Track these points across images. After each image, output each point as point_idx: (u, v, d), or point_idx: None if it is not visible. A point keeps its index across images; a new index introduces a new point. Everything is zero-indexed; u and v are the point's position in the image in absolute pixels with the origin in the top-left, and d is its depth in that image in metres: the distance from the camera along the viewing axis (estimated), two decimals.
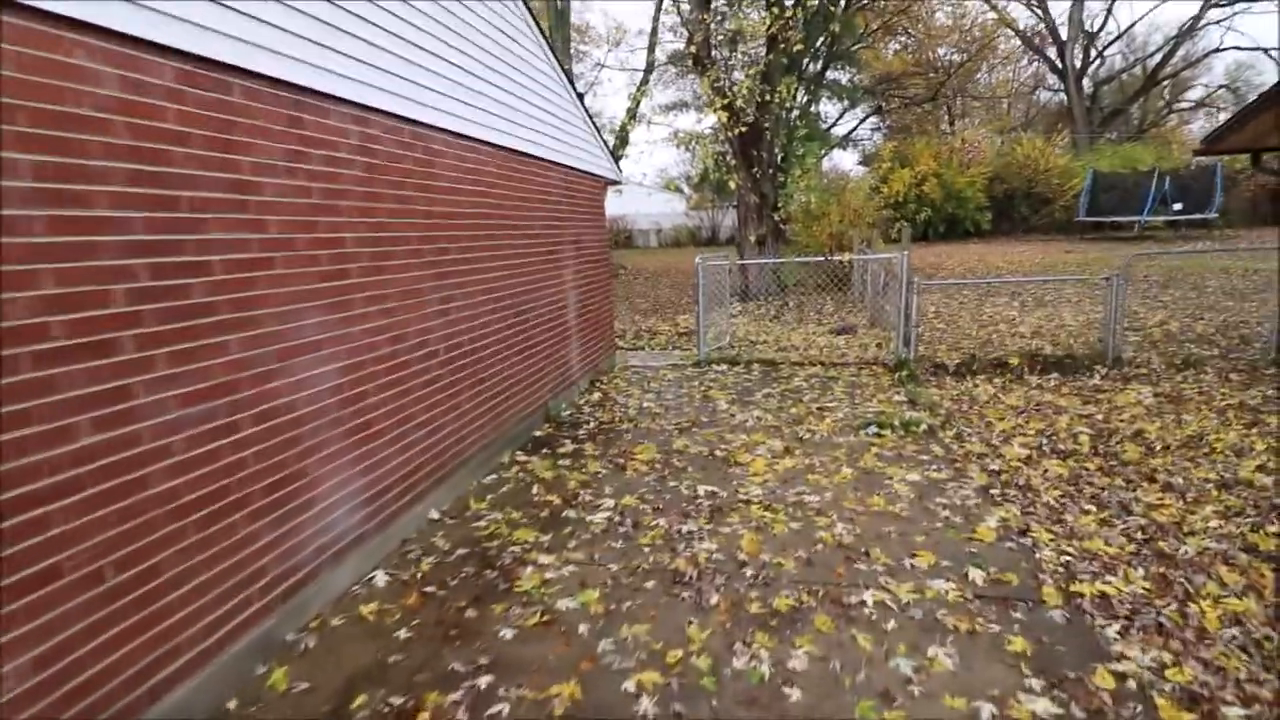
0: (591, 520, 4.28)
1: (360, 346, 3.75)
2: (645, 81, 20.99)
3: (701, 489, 4.72)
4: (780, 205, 13.65)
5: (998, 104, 45.43)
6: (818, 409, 6.68)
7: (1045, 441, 5.60)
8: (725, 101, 10.94)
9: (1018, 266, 18.89)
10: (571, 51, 26.79)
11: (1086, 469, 5.04)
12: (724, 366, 8.78)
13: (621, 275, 21.57)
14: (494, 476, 5.13)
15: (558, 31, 19.17)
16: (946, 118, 41.10)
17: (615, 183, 9.54)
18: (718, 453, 5.49)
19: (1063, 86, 43.66)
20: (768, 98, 11.55)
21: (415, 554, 3.92)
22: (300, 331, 3.30)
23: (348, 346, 3.65)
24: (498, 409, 5.47)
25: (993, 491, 4.58)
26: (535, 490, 4.84)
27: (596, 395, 7.50)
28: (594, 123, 8.34)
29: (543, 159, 6.58)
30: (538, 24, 6.51)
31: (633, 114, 19.00)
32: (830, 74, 20.10)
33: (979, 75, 42.75)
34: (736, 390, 7.56)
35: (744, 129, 11.97)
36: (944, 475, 4.86)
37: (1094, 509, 4.34)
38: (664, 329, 12.36)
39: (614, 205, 41.91)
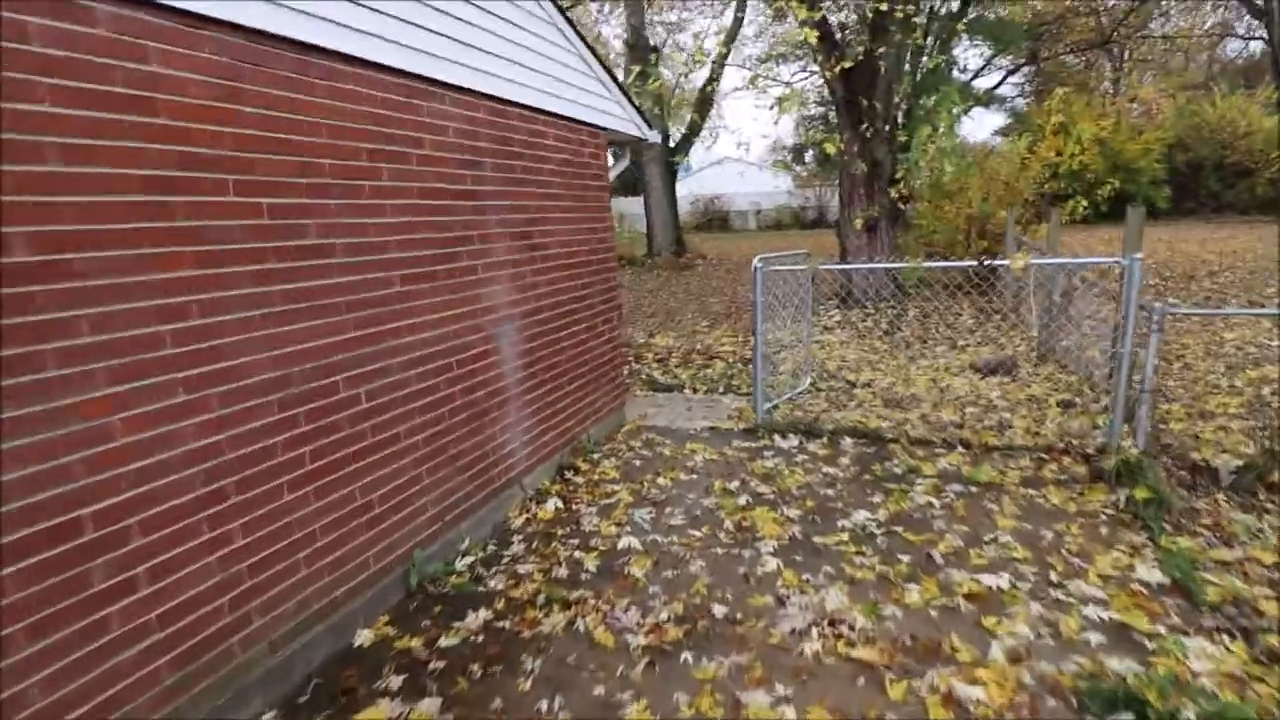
0: None
1: None
2: (735, 32, 17.23)
3: None
4: (900, 176, 9.78)
5: (1172, 58, 37.69)
6: (967, 595, 3.16)
7: None
8: (816, 15, 7.21)
9: (1237, 259, 13.87)
10: (672, 19, 23.07)
11: None
12: (794, 441, 5.30)
13: (699, 267, 18.12)
14: None
15: None
16: (1110, 73, 34.25)
17: (636, 142, 6.19)
18: None
19: (1259, 35, 35.64)
20: (884, 8, 7.68)
21: None
22: None
23: None
24: (199, 633, 2.37)
25: None
26: None
27: (550, 507, 4.27)
28: (582, 38, 5.04)
29: (418, 77, 3.38)
30: None
31: (721, 64, 15.34)
32: (971, 11, 15.58)
33: (1151, 23, 35.41)
34: (804, 510, 4.12)
35: (849, 64, 8.21)
36: None
37: None
38: (727, 348, 8.93)
39: (709, 183, 38.34)
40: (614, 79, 5.47)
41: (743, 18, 16.61)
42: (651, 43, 17.17)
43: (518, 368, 4.27)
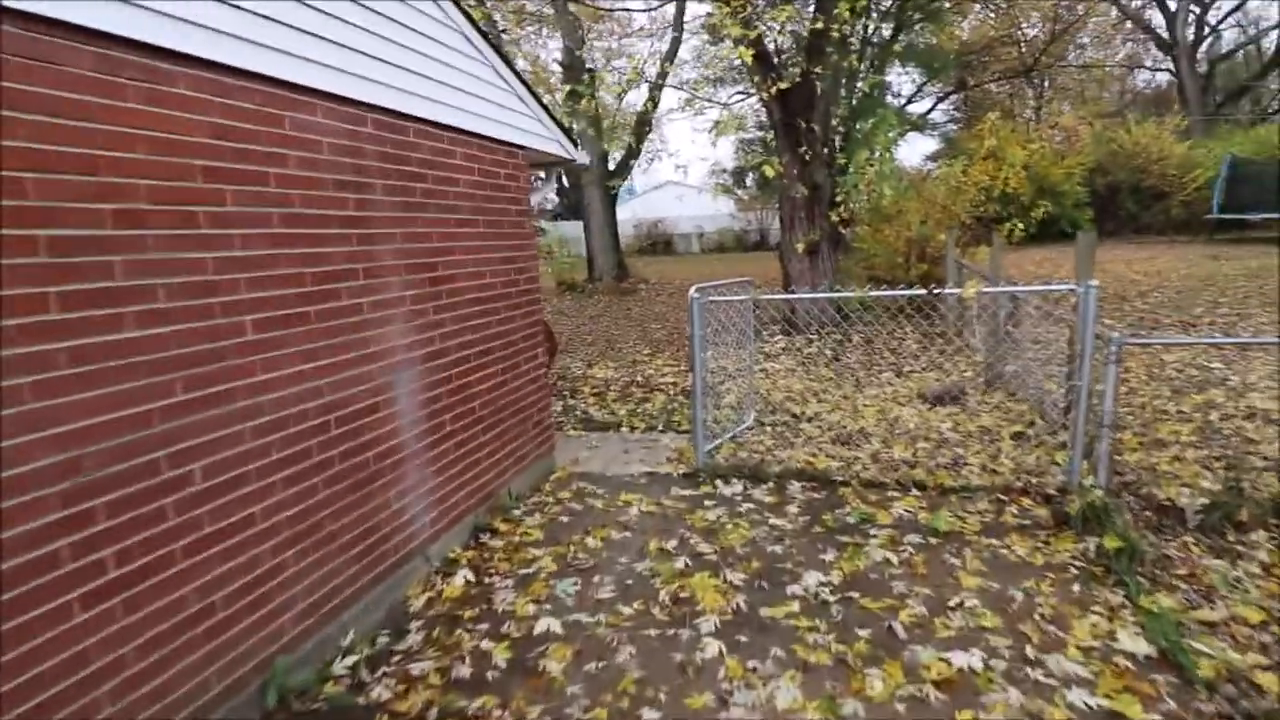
0: None
1: None
2: (673, 53, 17.08)
3: None
4: (840, 200, 9.61)
5: (1087, 87, 39.77)
6: (936, 681, 2.72)
7: None
8: (751, 34, 6.94)
9: (1162, 279, 14.25)
10: (613, 45, 22.71)
11: None
12: (738, 487, 4.85)
13: (641, 292, 17.75)
14: None
15: None
16: (1031, 103, 35.82)
17: (562, 163, 5.75)
18: None
19: (1165, 66, 38.09)
20: (819, 26, 7.47)
21: None
22: None
23: None
24: None
25: None
26: None
27: (459, 581, 3.68)
28: (497, 49, 4.57)
29: (278, 82, 2.83)
30: None
31: (659, 86, 15.09)
32: (904, 37, 15.83)
33: (1068, 55, 37.30)
34: (749, 574, 3.64)
35: (785, 86, 7.97)
36: None
37: None
38: (668, 379, 8.49)
39: (653, 207, 38.28)
40: (534, 95, 5.00)
41: (680, 37, 16.47)
42: (588, 65, 16.90)
43: (419, 420, 3.69)
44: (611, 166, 17.52)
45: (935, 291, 4.47)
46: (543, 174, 5.96)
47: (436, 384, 3.86)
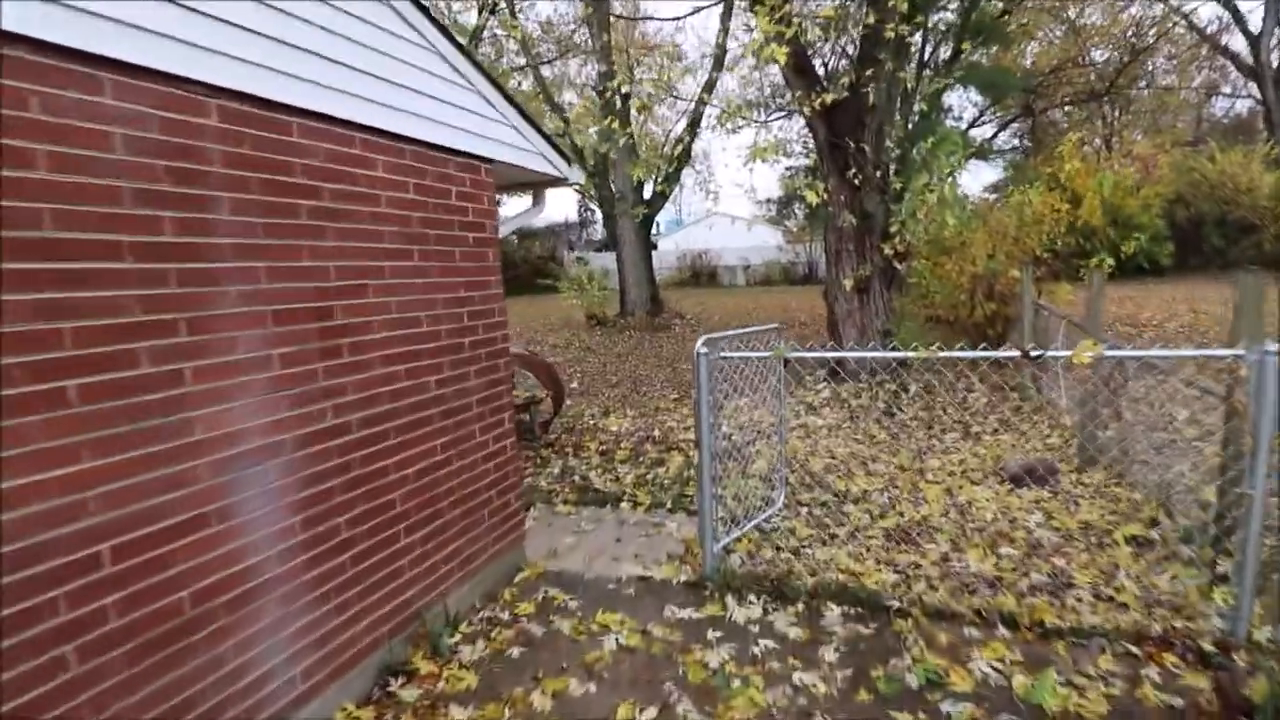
0: None
1: None
2: (713, 84, 16.16)
3: None
4: (894, 231, 8.35)
5: (1160, 115, 37.46)
6: None
7: None
8: (786, 32, 5.80)
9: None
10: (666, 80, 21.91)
11: None
12: (755, 609, 3.61)
13: (675, 328, 16.62)
14: None
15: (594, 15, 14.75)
16: (1101, 131, 33.77)
17: (552, 183, 4.72)
18: None
19: (1246, 93, 35.68)
20: (871, 20, 6.29)
21: None
22: None
23: None
24: None
25: None
26: None
27: None
28: (447, 34, 3.57)
29: (15, 39, 1.83)
30: None
31: (698, 113, 14.17)
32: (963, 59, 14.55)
33: (1141, 82, 35.14)
34: None
35: (832, 99, 6.82)
36: None
37: None
38: (690, 437, 7.29)
39: (694, 239, 37.49)
40: (505, 95, 3.98)
41: (724, 57, 15.53)
42: (639, 100, 16.05)
43: (289, 530, 2.61)
44: (647, 195, 16.64)
45: (1035, 355, 3.21)
46: (530, 197, 4.94)
47: (325, 475, 2.78)
